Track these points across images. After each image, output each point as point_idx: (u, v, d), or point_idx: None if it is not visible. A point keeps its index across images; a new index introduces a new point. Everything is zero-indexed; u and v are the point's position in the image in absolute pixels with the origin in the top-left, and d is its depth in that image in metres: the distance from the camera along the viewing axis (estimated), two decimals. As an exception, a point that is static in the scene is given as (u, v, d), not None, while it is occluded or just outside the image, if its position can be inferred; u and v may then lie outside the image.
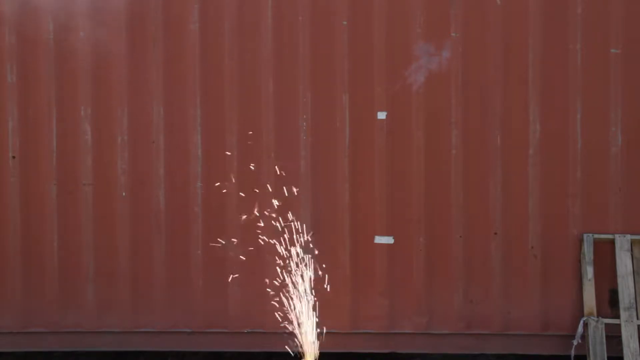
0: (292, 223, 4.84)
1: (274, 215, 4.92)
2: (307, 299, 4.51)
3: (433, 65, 5.02)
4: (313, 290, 4.59)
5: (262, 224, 4.94)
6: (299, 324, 4.51)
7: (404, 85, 5.03)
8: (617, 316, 4.92)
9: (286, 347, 4.63)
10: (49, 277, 5.12)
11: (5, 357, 5.16)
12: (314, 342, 4.51)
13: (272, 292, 4.83)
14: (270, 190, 4.98)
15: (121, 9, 5.07)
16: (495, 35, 5.00)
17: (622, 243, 4.96)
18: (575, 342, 4.91)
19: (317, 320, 4.54)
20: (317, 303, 4.58)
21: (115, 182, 5.10)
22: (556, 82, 4.99)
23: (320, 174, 5.03)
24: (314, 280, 4.64)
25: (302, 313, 4.50)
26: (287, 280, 4.64)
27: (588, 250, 4.91)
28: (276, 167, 5.00)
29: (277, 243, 4.82)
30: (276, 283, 4.77)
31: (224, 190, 5.02)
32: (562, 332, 5.02)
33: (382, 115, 5.02)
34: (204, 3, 5.07)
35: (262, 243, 4.92)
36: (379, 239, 5.04)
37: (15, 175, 5.12)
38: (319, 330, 4.54)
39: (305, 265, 4.62)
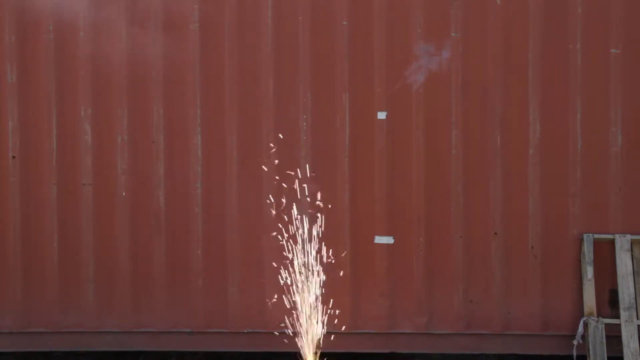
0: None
1: (273, 212, 4.93)
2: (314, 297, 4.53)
3: (433, 65, 5.02)
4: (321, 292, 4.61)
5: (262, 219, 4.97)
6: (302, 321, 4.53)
7: (404, 85, 5.03)
8: (617, 316, 4.92)
9: (288, 337, 4.64)
10: (49, 277, 5.12)
11: (5, 357, 5.16)
12: (314, 344, 4.52)
13: (273, 294, 4.84)
14: (271, 191, 5.00)
15: (121, 9, 5.07)
16: (495, 35, 5.00)
17: (622, 243, 4.95)
18: (575, 342, 4.91)
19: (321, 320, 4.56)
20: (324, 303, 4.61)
21: (115, 182, 5.10)
22: (556, 83, 4.99)
23: (320, 173, 5.03)
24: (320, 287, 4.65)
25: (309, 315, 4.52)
26: (289, 279, 4.66)
27: (588, 250, 4.91)
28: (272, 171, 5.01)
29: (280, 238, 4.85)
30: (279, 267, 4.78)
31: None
32: (562, 332, 5.02)
33: (382, 115, 5.02)
34: (204, 3, 5.07)
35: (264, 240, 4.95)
36: (379, 239, 5.04)
37: (15, 175, 5.12)
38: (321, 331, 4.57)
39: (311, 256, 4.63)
